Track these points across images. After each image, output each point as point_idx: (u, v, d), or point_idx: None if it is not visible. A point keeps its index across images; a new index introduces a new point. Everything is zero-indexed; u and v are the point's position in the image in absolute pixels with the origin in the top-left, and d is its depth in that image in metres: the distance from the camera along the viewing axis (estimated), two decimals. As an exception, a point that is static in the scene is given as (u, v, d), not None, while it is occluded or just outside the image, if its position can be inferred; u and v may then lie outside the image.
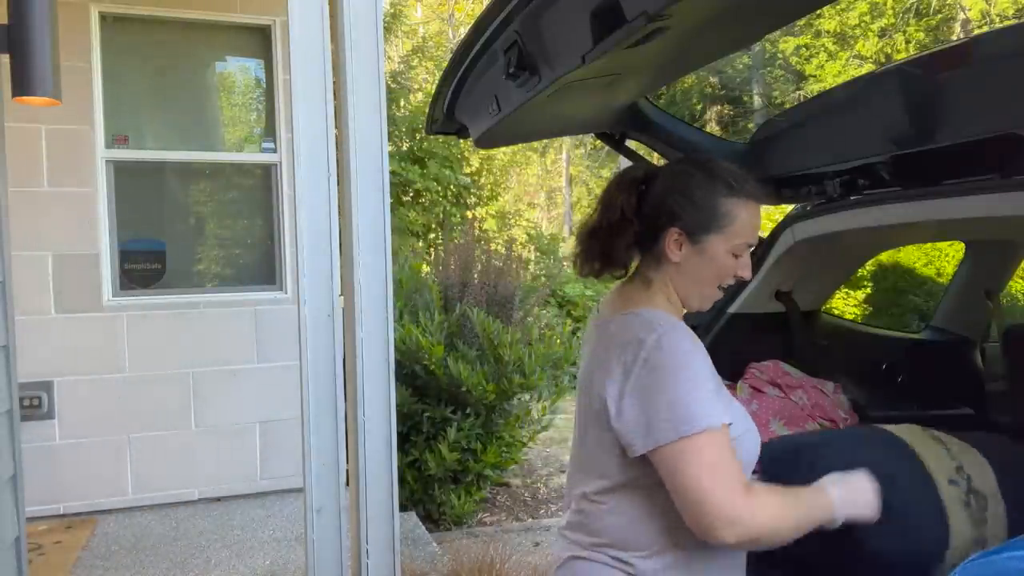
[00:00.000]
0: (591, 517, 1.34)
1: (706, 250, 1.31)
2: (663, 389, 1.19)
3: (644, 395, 1.21)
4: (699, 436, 1.17)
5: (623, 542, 1.29)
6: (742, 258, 1.33)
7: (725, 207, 1.30)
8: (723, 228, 1.30)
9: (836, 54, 13.84)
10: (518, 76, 1.51)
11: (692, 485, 1.17)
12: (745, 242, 1.32)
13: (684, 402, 1.18)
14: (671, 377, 1.20)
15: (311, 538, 2.35)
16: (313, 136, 2.32)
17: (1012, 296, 5.58)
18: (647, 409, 1.20)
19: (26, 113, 3.29)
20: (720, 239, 1.30)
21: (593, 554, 1.32)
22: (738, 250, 1.32)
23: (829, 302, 3.12)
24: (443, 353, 4.26)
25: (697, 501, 1.17)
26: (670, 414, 1.18)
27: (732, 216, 1.30)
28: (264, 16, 4.39)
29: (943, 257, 6.40)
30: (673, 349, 1.22)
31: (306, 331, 2.33)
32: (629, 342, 1.25)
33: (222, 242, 4.57)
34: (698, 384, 1.21)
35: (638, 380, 1.21)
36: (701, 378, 1.22)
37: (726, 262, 1.32)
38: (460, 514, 4.41)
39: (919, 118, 1.56)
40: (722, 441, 1.19)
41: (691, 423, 1.17)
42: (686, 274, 1.34)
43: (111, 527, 3.91)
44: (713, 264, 1.32)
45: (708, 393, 1.21)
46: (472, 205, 10.88)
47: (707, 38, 1.40)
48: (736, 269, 1.33)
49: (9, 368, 2.02)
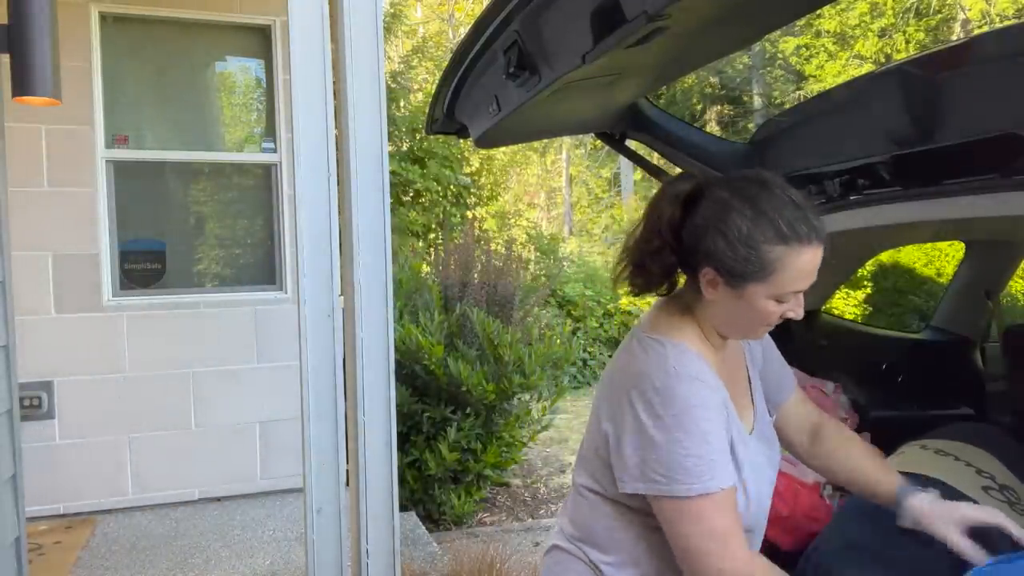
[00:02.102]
0: (578, 509, 1.34)
1: (744, 296, 1.18)
2: (665, 442, 1.13)
3: (643, 440, 1.15)
4: (697, 500, 1.13)
5: (597, 543, 1.29)
6: (790, 303, 1.20)
7: (770, 255, 1.14)
8: (766, 278, 1.15)
9: (836, 54, 13.84)
10: (518, 76, 1.51)
11: (683, 543, 1.15)
12: (792, 291, 1.17)
13: (682, 463, 1.12)
14: (676, 432, 1.13)
15: (311, 538, 2.35)
16: (313, 136, 2.32)
17: (1012, 296, 5.58)
18: (645, 455, 1.15)
19: (26, 113, 3.29)
20: (761, 288, 1.16)
21: (571, 547, 1.33)
22: (783, 299, 1.18)
23: (829, 302, 3.12)
24: (443, 353, 4.26)
25: (693, 558, 1.15)
26: (667, 471, 1.13)
27: (777, 266, 1.14)
28: (264, 16, 4.39)
29: (943, 257, 6.40)
30: (684, 402, 1.14)
31: (306, 331, 2.33)
32: (642, 377, 1.18)
33: (222, 242, 4.57)
34: (704, 443, 1.14)
35: (639, 422, 1.15)
36: (710, 438, 1.15)
37: (768, 308, 1.19)
38: (460, 514, 4.41)
39: (919, 118, 1.56)
40: (723, 503, 1.15)
41: (688, 484, 1.12)
42: (723, 314, 1.23)
43: (111, 527, 3.91)
44: (752, 311, 1.19)
45: (713, 453, 1.14)
46: (472, 205, 10.87)
47: (707, 38, 1.40)
48: (781, 312, 1.20)
49: (9, 368, 2.02)
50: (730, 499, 1.17)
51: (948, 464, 1.65)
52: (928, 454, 1.71)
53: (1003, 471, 1.63)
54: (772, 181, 1.21)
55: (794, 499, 1.98)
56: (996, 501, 1.55)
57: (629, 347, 1.27)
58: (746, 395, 1.37)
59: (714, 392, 1.19)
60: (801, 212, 1.16)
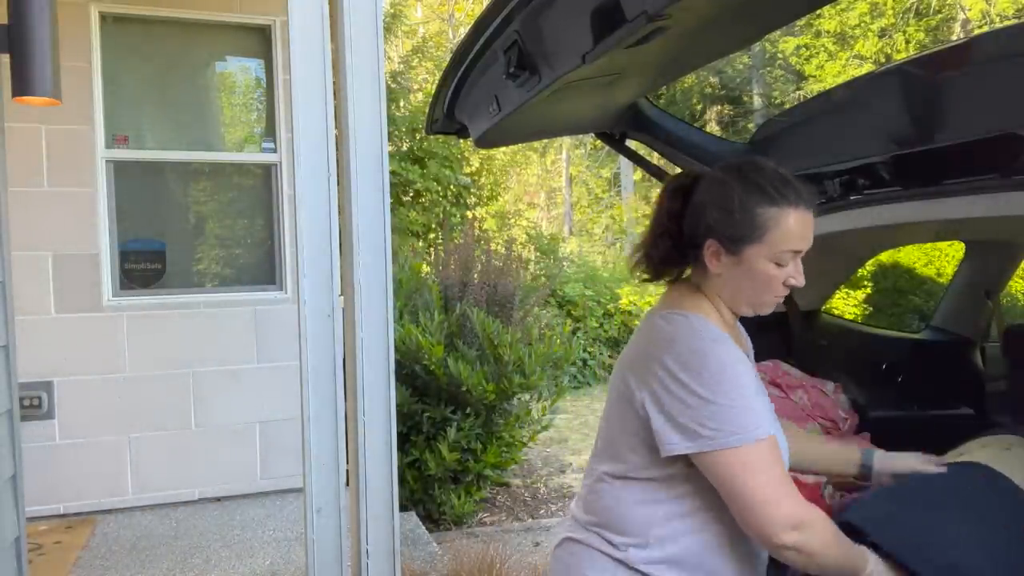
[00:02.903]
0: (598, 495, 1.35)
1: (744, 260, 1.27)
2: (709, 396, 1.19)
3: (689, 399, 1.20)
4: (750, 447, 1.18)
5: (620, 526, 1.30)
6: (789, 267, 1.28)
7: (762, 216, 1.25)
8: (761, 238, 1.25)
9: (836, 54, 13.84)
10: (518, 76, 1.51)
11: (754, 497, 1.18)
12: (789, 250, 1.27)
13: (730, 412, 1.18)
14: (717, 386, 1.19)
15: (311, 538, 2.35)
16: (313, 136, 2.32)
17: (1012, 296, 5.58)
18: (693, 414, 1.20)
19: (26, 113, 3.30)
20: (758, 249, 1.26)
21: (587, 536, 1.34)
22: (781, 259, 1.27)
23: (829, 302, 3.12)
24: (443, 353, 4.26)
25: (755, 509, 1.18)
26: (717, 423, 1.18)
27: (770, 225, 1.25)
28: (264, 16, 4.39)
29: (943, 257, 6.40)
30: (720, 358, 1.22)
31: (306, 331, 2.33)
32: (674, 342, 1.25)
33: (222, 242, 4.57)
34: (744, 394, 1.20)
35: (680, 382, 1.21)
36: (747, 390, 1.22)
37: (768, 272, 1.27)
38: (460, 514, 4.41)
39: (919, 118, 1.56)
40: (774, 451, 1.20)
41: (739, 434, 1.18)
42: (729, 285, 1.31)
43: (111, 527, 3.91)
44: (754, 274, 1.28)
45: (755, 404, 1.22)
46: (472, 205, 10.87)
47: (707, 38, 1.40)
48: (783, 278, 1.28)
49: (9, 368, 2.02)
50: (777, 447, 1.22)
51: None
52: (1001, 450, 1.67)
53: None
54: (761, 161, 1.33)
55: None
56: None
57: (650, 324, 1.34)
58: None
59: (737, 350, 1.27)
60: (788, 182, 1.28)
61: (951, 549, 1.33)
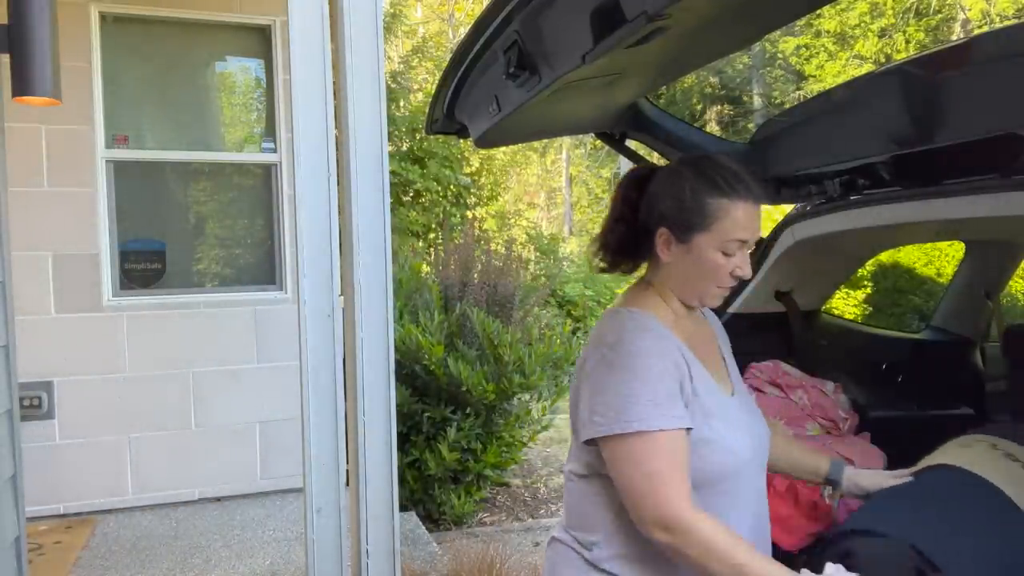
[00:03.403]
0: (568, 496, 1.39)
1: (693, 249, 1.30)
2: (610, 385, 1.23)
3: (594, 389, 1.25)
4: (634, 437, 1.18)
5: (585, 525, 1.33)
6: (736, 256, 1.31)
7: (712, 206, 1.28)
8: (709, 226, 1.28)
9: (836, 54, 13.84)
10: (518, 76, 1.51)
11: (626, 484, 1.20)
12: (736, 239, 1.29)
13: (625, 401, 1.20)
14: (619, 375, 1.22)
15: (311, 538, 2.35)
16: (313, 136, 2.32)
17: (1012, 296, 5.58)
18: (593, 402, 1.24)
19: (26, 113, 3.29)
20: (707, 237, 1.29)
21: (564, 535, 1.37)
22: (728, 248, 1.29)
23: (829, 302, 3.12)
24: (443, 353, 4.26)
25: (633, 501, 1.19)
26: (609, 410, 1.21)
27: (719, 215, 1.28)
28: (264, 16, 4.39)
29: (943, 257, 6.40)
30: (630, 349, 1.24)
31: (306, 331, 2.33)
32: (599, 338, 1.30)
33: (222, 242, 4.57)
34: (645, 388, 1.21)
35: (594, 375, 1.26)
36: (652, 380, 1.22)
37: (716, 260, 1.30)
38: (460, 514, 4.41)
39: (919, 118, 1.56)
40: (665, 447, 1.18)
41: (625, 423, 1.19)
42: (678, 274, 1.34)
43: (111, 527, 3.91)
44: (702, 263, 1.30)
45: (656, 395, 1.20)
46: (472, 205, 10.87)
47: (707, 38, 1.40)
48: (730, 267, 1.31)
49: (9, 368, 2.02)
50: (674, 445, 1.20)
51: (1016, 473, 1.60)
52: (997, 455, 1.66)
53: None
54: (718, 156, 1.37)
55: (794, 499, 1.98)
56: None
57: (597, 324, 1.38)
58: (720, 368, 1.43)
59: (665, 341, 1.27)
60: (741, 177, 1.31)
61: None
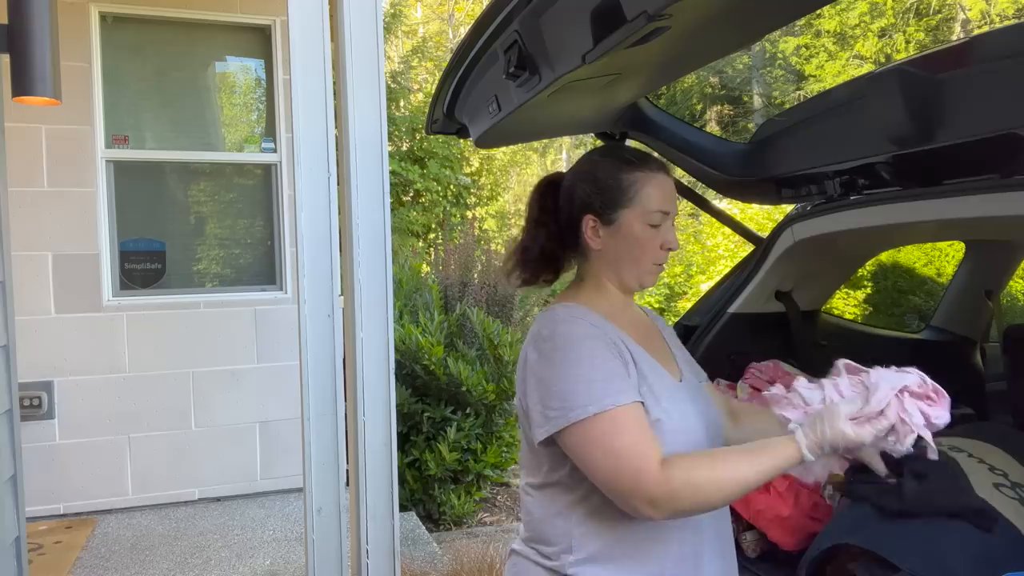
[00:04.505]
0: (524, 509, 1.37)
1: (621, 227, 1.31)
2: (555, 378, 1.21)
3: (541, 387, 1.23)
4: (591, 421, 1.16)
5: (546, 536, 1.30)
6: (663, 228, 1.32)
7: (628, 180, 1.31)
8: (632, 200, 1.31)
9: (836, 54, 13.84)
10: (518, 76, 1.51)
11: (595, 469, 1.17)
12: (658, 210, 1.31)
13: (573, 389, 1.19)
14: (561, 366, 1.21)
15: (311, 538, 2.36)
16: (313, 136, 2.32)
17: (1012, 296, 5.58)
18: (543, 399, 1.21)
19: (26, 113, 3.30)
20: (631, 212, 1.31)
21: (525, 548, 1.34)
22: (653, 219, 1.31)
23: (829, 302, 3.12)
24: (443, 353, 4.26)
25: (608, 484, 1.17)
26: (561, 402, 1.19)
27: (638, 187, 1.31)
28: (264, 16, 4.39)
29: (943, 257, 6.39)
30: (566, 338, 1.23)
31: (306, 331, 2.33)
32: (534, 336, 1.29)
33: (222, 242, 4.57)
34: (590, 367, 1.20)
35: (537, 373, 1.24)
36: (596, 360, 1.21)
37: (645, 234, 1.31)
38: (460, 514, 4.41)
39: (919, 118, 1.56)
40: (624, 420, 1.17)
41: (580, 409, 1.17)
42: (612, 257, 1.34)
43: (111, 527, 3.91)
44: (632, 239, 1.31)
45: (603, 374, 1.19)
46: (472, 205, 10.87)
47: (707, 38, 1.40)
48: (660, 241, 1.32)
49: (9, 368, 2.02)
50: (631, 416, 1.18)
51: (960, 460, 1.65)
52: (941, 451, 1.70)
53: (1017, 469, 1.63)
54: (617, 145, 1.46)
55: (794, 499, 1.98)
56: (1007, 499, 1.55)
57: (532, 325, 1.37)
58: (667, 356, 1.41)
59: (599, 327, 1.26)
60: (645, 154, 1.38)
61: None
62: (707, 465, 1.15)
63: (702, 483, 1.13)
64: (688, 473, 1.13)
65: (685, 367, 1.42)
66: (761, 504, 1.99)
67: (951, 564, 1.41)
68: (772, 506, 1.98)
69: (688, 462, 1.15)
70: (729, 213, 3.01)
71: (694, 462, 1.16)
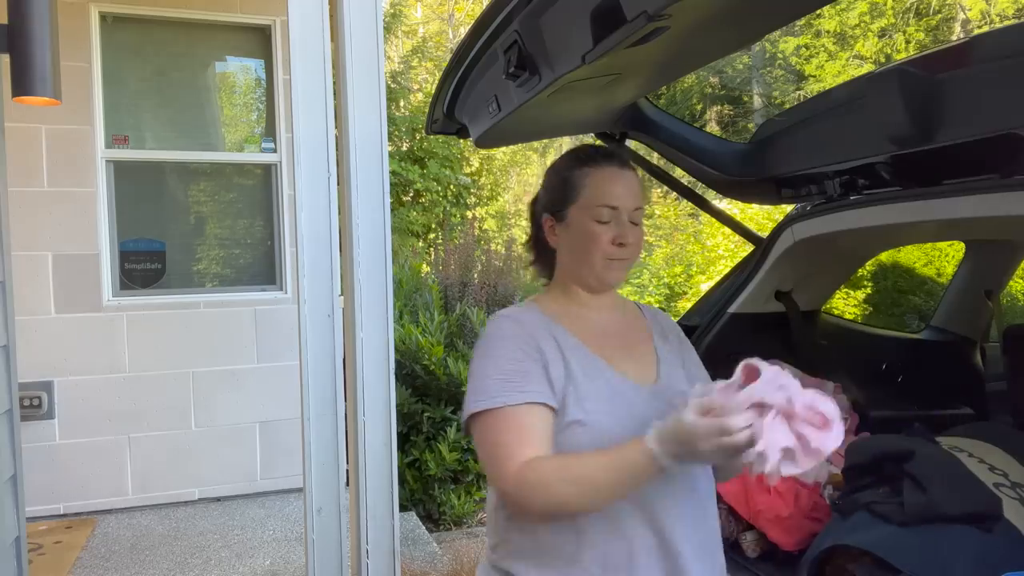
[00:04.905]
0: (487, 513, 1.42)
1: (571, 224, 1.33)
2: (470, 374, 1.29)
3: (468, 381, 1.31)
4: (480, 416, 1.22)
5: (489, 531, 1.36)
6: (612, 224, 1.30)
7: (575, 177, 1.33)
8: (577, 196, 1.32)
9: (836, 54, 13.83)
10: (518, 76, 1.51)
11: (480, 461, 1.25)
12: (604, 205, 1.30)
13: (475, 385, 1.25)
14: (475, 362, 1.28)
15: (311, 538, 2.36)
16: (313, 136, 2.32)
17: (1012, 296, 5.58)
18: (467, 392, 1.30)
19: (26, 113, 3.29)
20: (577, 208, 1.31)
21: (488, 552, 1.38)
22: (600, 215, 1.30)
23: (829, 302, 3.12)
24: (443, 353, 4.26)
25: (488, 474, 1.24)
26: (468, 396, 1.26)
27: (583, 183, 1.31)
28: (264, 16, 4.39)
29: (943, 257, 6.39)
30: (486, 336, 1.30)
31: (306, 331, 2.33)
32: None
33: (222, 242, 4.57)
34: (495, 367, 1.24)
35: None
36: (502, 358, 1.25)
37: (592, 229, 1.30)
38: (460, 514, 4.41)
39: (919, 118, 1.56)
40: (509, 421, 1.20)
41: (474, 404, 1.23)
42: (567, 255, 1.36)
43: (111, 527, 3.91)
44: (580, 235, 1.31)
45: (504, 371, 1.23)
46: (472, 205, 10.87)
47: (707, 38, 1.40)
48: (609, 236, 1.29)
49: (9, 368, 2.02)
50: (516, 416, 1.20)
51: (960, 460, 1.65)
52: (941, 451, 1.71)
53: (1017, 469, 1.64)
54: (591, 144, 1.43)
55: (794, 499, 1.98)
56: (1008, 498, 1.56)
57: None
58: (639, 358, 1.36)
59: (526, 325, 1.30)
60: (602, 149, 1.37)
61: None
62: (563, 466, 1.18)
63: (553, 482, 1.16)
64: (540, 474, 1.16)
65: (670, 370, 1.36)
66: (761, 504, 2.00)
67: (951, 565, 1.41)
68: (772, 506, 1.98)
69: (548, 463, 1.18)
70: (729, 213, 3.01)
71: (553, 463, 1.18)
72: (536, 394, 1.22)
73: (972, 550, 1.44)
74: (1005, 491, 1.57)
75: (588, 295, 1.37)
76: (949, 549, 1.45)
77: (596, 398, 1.25)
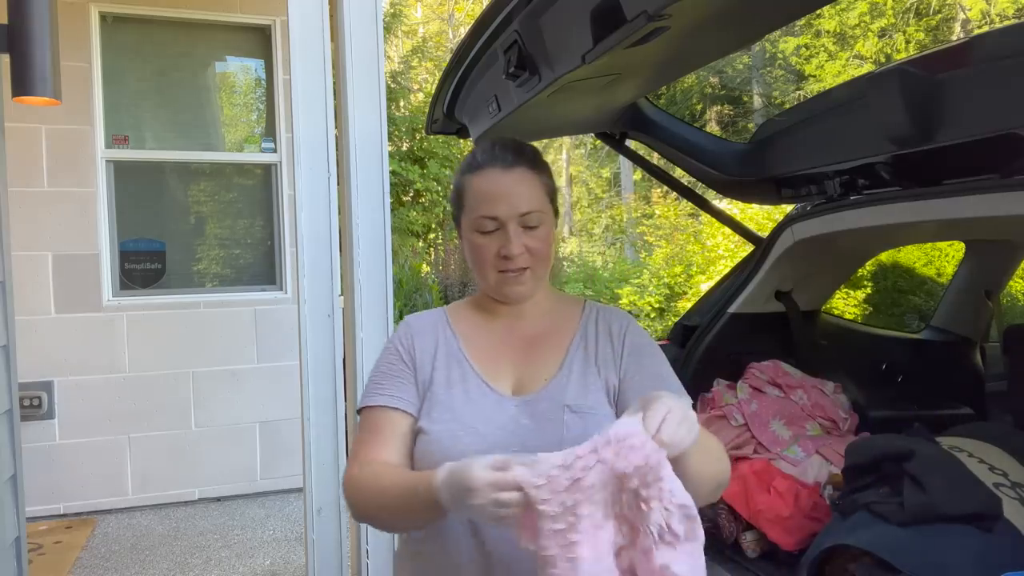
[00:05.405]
0: None
1: (464, 236, 1.25)
2: None
3: None
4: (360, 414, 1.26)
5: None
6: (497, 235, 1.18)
7: (459, 186, 1.25)
8: (462, 207, 1.24)
9: (836, 54, 13.83)
10: (518, 76, 1.51)
11: None
12: (482, 216, 1.18)
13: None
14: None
15: (311, 538, 2.36)
16: (313, 136, 2.32)
17: (1012, 296, 5.58)
18: None
19: (26, 113, 3.29)
20: (465, 219, 1.23)
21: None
22: (481, 226, 1.19)
23: (829, 302, 3.12)
24: (443, 353, 4.25)
25: None
26: None
27: (464, 192, 1.23)
28: (264, 16, 4.39)
29: (943, 257, 6.39)
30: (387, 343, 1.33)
31: (306, 331, 2.33)
32: None
33: (222, 242, 4.57)
34: (375, 368, 1.28)
35: None
36: (380, 363, 1.28)
37: (474, 241, 1.20)
38: (460, 514, 4.41)
39: (919, 118, 1.56)
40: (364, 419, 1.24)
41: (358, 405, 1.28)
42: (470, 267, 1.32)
43: (111, 527, 3.91)
44: (469, 248, 1.23)
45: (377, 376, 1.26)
46: (472, 205, 10.86)
47: (707, 38, 1.40)
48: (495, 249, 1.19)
49: (9, 368, 2.02)
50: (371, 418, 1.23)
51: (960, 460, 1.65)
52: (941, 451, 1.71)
53: (1017, 469, 1.64)
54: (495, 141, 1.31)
55: (794, 499, 1.98)
56: (1008, 498, 1.56)
57: None
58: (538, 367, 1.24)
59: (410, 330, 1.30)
60: (490, 147, 1.23)
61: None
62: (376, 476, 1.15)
63: (363, 489, 1.15)
64: (359, 480, 1.16)
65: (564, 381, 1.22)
66: (761, 504, 1.99)
67: (951, 565, 1.41)
68: (772, 506, 1.98)
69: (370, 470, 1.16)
70: (729, 213, 3.01)
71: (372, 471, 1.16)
72: (391, 399, 1.21)
73: (972, 550, 1.44)
74: (1005, 491, 1.57)
75: (497, 303, 1.28)
76: (949, 549, 1.45)
77: (445, 407, 1.19)
